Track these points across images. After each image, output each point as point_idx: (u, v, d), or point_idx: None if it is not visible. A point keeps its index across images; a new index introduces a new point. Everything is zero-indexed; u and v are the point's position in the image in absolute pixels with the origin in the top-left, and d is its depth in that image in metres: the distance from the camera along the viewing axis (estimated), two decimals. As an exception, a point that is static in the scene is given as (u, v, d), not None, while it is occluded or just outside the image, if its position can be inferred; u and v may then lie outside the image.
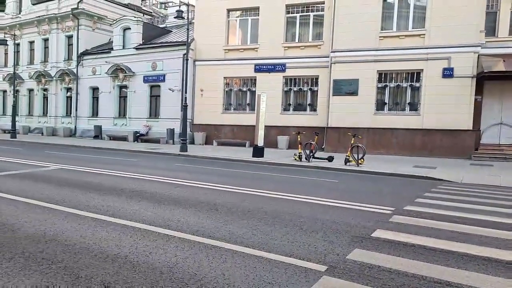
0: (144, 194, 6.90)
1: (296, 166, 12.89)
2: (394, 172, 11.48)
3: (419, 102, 16.91)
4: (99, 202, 6.09)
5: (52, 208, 5.56)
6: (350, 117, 17.54)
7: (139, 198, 6.57)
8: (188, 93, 19.51)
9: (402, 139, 16.92)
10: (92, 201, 6.19)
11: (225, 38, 20.94)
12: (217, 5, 20.69)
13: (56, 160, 12.32)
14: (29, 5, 29.40)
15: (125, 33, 24.43)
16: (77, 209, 5.55)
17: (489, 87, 16.49)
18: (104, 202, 6.14)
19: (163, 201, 6.35)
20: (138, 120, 23.69)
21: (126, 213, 5.43)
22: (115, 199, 6.42)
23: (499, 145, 16.39)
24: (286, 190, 7.80)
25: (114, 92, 24.96)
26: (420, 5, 16.90)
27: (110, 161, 12.95)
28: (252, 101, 20.06)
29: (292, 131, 16.96)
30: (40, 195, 6.53)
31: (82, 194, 6.79)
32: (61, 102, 28.06)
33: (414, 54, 16.73)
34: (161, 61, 22.74)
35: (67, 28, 27.32)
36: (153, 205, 6.04)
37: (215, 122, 21.17)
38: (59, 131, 27.20)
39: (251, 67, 20.26)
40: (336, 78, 17.91)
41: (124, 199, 6.45)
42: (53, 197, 6.41)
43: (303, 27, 19.59)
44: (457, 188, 8.95)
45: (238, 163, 13.54)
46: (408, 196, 7.70)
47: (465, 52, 15.96)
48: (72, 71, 26.80)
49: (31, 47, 29.86)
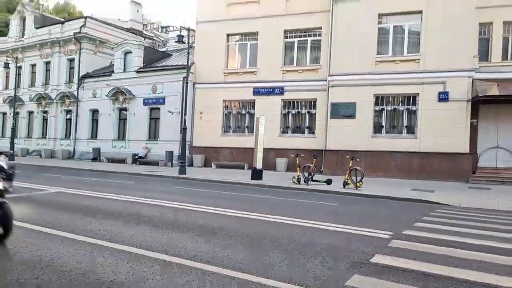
0: (141, 218, 6.86)
1: (294, 189, 12.87)
2: (392, 195, 11.46)
3: (416, 125, 17.07)
4: (96, 227, 6.05)
5: (49, 233, 5.52)
6: (348, 139, 17.64)
7: (137, 222, 6.53)
8: (188, 116, 19.68)
9: (400, 162, 16.96)
10: (89, 225, 6.15)
11: (225, 61, 21.30)
12: (217, 30, 21.15)
13: (54, 183, 12.28)
14: (32, 29, 29.98)
15: (126, 56, 24.83)
16: (74, 233, 5.51)
17: (484, 111, 16.69)
18: (101, 226, 6.10)
19: (161, 225, 6.31)
20: (137, 142, 23.75)
21: (123, 237, 5.40)
22: (113, 223, 6.38)
23: (496, 169, 16.44)
24: (284, 213, 7.77)
25: (114, 114, 25.12)
26: (415, 31, 17.32)
27: (108, 184, 12.91)
28: (251, 123, 20.21)
29: (291, 153, 17.01)
30: (37, 219, 6.49)
31: (79, 218, 6.74)
32: (61, 124, 28.18)
33: (409, 78, 17.01)
34: (161, 84, 23.02)
35: (69, 51, 27.77)
36: (151, 229, 6.00)
37: (214, 144, 21.24)
38: (58, 153, 27.19)
39: (250, 90, 20.52)
40: (333, 101, 18.13)
41: (122, 223, 6.41)
42: (50, 221, 6.36)
43: (301, 51, 19.98)
44: (455, 212, 8.93)
45: (237, 186, 13.51)
46: (406, 220, 7.68)
47: (459, 77, 16.24)
48: (73, 93, 27.06)
49: (32, 70, 30.25)
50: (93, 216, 6.89)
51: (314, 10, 19.14)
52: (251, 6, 20.68)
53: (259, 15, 20.28)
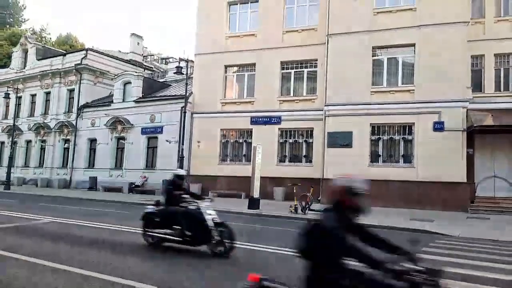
0: (134, 249, 6.75)
1: (291, 219, 12.73)
2: (390, 225, 11.35)
3: (413, 154, 17.14)
4: (89, 257, 5.94)
5: (41, 264, 5.42)
6: (346, 168, 17.57)
7: (130, 253, 6.43)
8: (185, 145, 19.75)
9: (398, 191, 16.88)
10: (81, 255, 6.05)
11: (222, 91, 21.63)
12: (215, 62, 21.61)
13: (48, 213, 12.12)
14: (34, 60, 30.55)
15: (126, 87, 25.21)
16: (65, 264, 5.40)
17: (480, 141, 16.83)
18: (94, 256, 5.99)
19: (155, 257, 6.20)
20: (134, 171, 23.67)
21: (116, 268, 5.29)
22: (105, 254, 6.27)
23: (494, 198, 16.38)
24: (281, 244, 7.65)
25: (112, 143, 25.19)
26: (408, 63, 17.75)
27: (102, 214, 12.77)
28: (248, 152, 20.25)
29: (288, 182, 16.98)
30: (29, 249, 6.38)
31: (72, 248, 6.64)
32: (58, 154, 28.16)
33: (405, 108, 17.25)
34: (160, 114, 23.25)
35: (69, 82, 28.18)
36: (143, 260, 5.90)
37: (211, 173, 21.18)
38: (54, 183, 26.99)
39: (247, 119, 20.72)
40: (330, 130, 18.28)
41: (113, 254, 6.30)
42: (42, 251, 6.25)
43: (298, 81, 20.36)
44: (454, 243, 8.83)
45: (234, 215, 13.34)
46: (405, 251, 7.56)
47: (454, 107, 16.48)
48: (72, 123, 27.23)
49: (32, 100, 30.55)
50: (86, 246, 6.79)
51: (309, 43, 19.67)
52: (248, 39, 21.25)
53: (257, 47, 20.79)
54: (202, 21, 22.27)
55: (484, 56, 18.27)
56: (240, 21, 21.78)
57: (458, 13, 16.63)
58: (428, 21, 17.06)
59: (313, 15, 20.02)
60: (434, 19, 16.94)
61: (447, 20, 16.72)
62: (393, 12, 17.83)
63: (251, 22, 21.44)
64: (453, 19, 16.64)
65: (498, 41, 17.97)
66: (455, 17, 16.62)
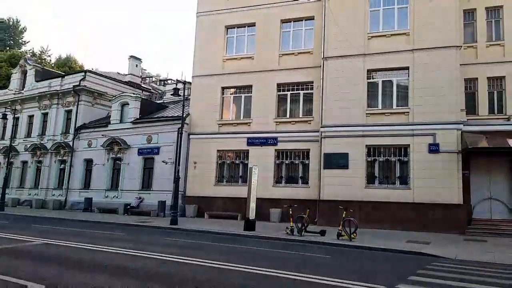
0: (128, 271, 6.65)
1: (288, 240, 12.60)
2: (387, 247, 11.23)
3: (409, 176, 17.15)
4: (80, 280, 5.84)
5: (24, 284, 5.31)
6: (342, 190, 17.60)
7: (123, 275, 6.32)
8: (181, 166, 19.69)
9: (394, 213, 16.79)
10: (73, 278, 5.94)
11: (219, 113, 21.78)
12: (212, 83, 21.87)
13: (41, 235, 11.95)
14: (33, 81, 30.74)
15: (123, 108, 25.35)
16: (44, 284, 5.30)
17: (475, 163, 16.88)
18: (85, 279, 5.89)
19: (148, 279, 6.10)
20: (130, 192, 23.49)
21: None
22: (97, 277, 6.16)
23: (491, 220, 16.30)
24: (277, 266, 7.55)
25: (108, 164, 25.10)
26: (403, 85, 18.01)
27: (96, 235, 12.59)
28: (245, 173, 20.21)
29: (284, 203, 16.86)
30: (20, 272, 6.26)
31: (64, 271, 6.52)
32: (54, 174, 27.96)
33: (400, 130, 17.38)
34: (157, 135, 23.30)
35: (67, 103, 28.29)
36: (136, 282, 5.79)
37: (207, 194, 21.06)
38: (49, 204, 26.69)
39: (243, 140, 20.78)
40: (326, 152, 18.34)
41: (107, 277, 6.20)
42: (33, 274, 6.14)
43: (294, 103, 20.56)
44: (451, 265, 8.73)
45: (229, 237, 13.22)
46: (401, 273, 7.49)
47: (448, 129, 16.62)
48: (68, 143, 27.19)
49: (30, 121, 30.56)
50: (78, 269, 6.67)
51: (306, 65, 20.00)
52: (245, 61, 21.60)
53: (253, 69, 21.09)
54: (200, 44, 22.67)
55: (477, 79, 18.64)
56: (238, 44, 22.18)
57: (451, 38, 17.01)
58: (421, 45, 17.44)
59: (309, 38, 20.45)
60: (428, 43, 17.33)
61: (440, 44, 17.09)
62: (387, 36, 18.23)
63: (248, 45, 21.83)
64: (446, 43, 17.02)
65: (490, 65, 18.39)
66: (448, 42, 17.00)
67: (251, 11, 21.64)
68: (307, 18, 20.55)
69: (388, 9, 18.60)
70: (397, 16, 18.35)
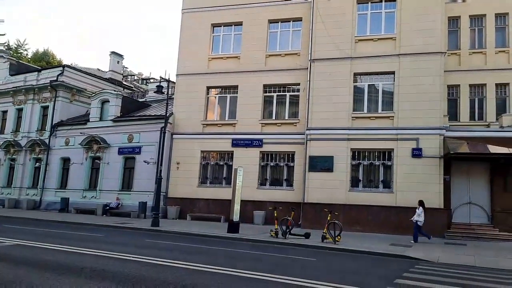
0: (106, 274, 6.28)
1: (272, 243, 12.40)
2: (371, 250, 11.21)
3: (392, 180, 17.24)
4: (54, 283, 5.45)
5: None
6: (326, 193, 17.54)
7: (100, 278, 5.96)
8: (164, 166, 19.20)
9: (378, 216, 16.84)
10: (47, 282, 5.55)
11: (204, 113, 21.39)
12: (197, 83, 21.47)
13: (13, 235, 11.35)
14: (7, 75, 29.45)
15: (104, 105, 24.61)
16: None
17: (456, 168, 17.11)
18: (59, 283, 5.50)
19: (127, 282, 5.76)
20: (110, 193, 22.78)
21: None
22: (73, 280, 5.79)
23: (470, 225, 16.54)
24: (261, 269, 7.32)
25: (86, 163, 24.30)
26: (388, 91, 18.11)
27: (73, 237, 12.06)
28: (229, 175, 19.91)
29: (269, 206, 16.66)
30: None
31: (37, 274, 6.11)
32: (28, 173, 26.88)
33: (384, 134, 17.47)
34: (138, 134, 22.70)
35: (43, 99, 27.25)
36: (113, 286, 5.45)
37: (190, 195, 20.63)
38: (22, 203, 25.62)
39: (228, 141, 20.48)
40: (311, 154, 18.24)
41: (83, 280, 5.83)
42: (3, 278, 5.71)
43: (280, 105, 20.41)
44: (434, 268, 8.78)
45: (212, 239, 12.91)
46: (386, 276, 7.41)
47: (431, 134, 16.81)
48: (44, 141, 26.20)
49: (3, 117, 29.23)
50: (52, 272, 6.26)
51: (292, 67, 19.88)
52: (231, 61, 21.31)
53: (239, 69, 20.82)
54: (185, 42, 22.21)
55: (459, 86, 18.98)
56: (224, 43, 21.87)
57: (436, 44, 17.22)
58: (407, 50, 17.59)
59: (296, 40, 20.35)
60: (413, 48, 17.49)
61: (425, 50, 17.29)
62: (374, 40, 18.33)
63: (234, 44, 21.55)
64: (431, 49, 17.22)
65: (472, 72, 18.75)
66: (433, 48, 17.20)
67: (239, 10, 21.35)
68: (295, 19, 20.44)
69: (375, 13, 18.70)
70: (384, 21, 18.47)
